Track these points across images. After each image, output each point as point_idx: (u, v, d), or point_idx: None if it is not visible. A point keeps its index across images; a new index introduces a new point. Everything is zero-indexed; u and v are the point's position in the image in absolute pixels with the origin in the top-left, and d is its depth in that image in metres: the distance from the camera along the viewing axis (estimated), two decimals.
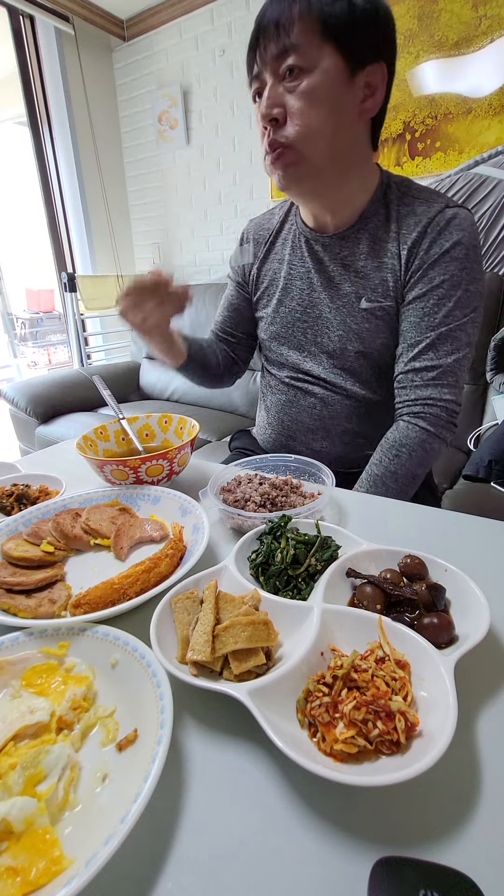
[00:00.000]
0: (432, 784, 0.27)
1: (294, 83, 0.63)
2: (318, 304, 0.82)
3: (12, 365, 4.32)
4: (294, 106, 0.64)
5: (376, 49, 0.64)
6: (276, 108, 0.65)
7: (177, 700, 0.30)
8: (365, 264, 0.76)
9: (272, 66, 0.64)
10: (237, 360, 1.01)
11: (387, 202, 0.74)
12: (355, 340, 0.78)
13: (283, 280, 0.85)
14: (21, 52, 2.45)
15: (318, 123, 0.65)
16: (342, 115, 0.66)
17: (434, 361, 0.71)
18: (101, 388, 0.76)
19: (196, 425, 0.68)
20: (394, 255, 0.73)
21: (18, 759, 0.27)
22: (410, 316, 0.73)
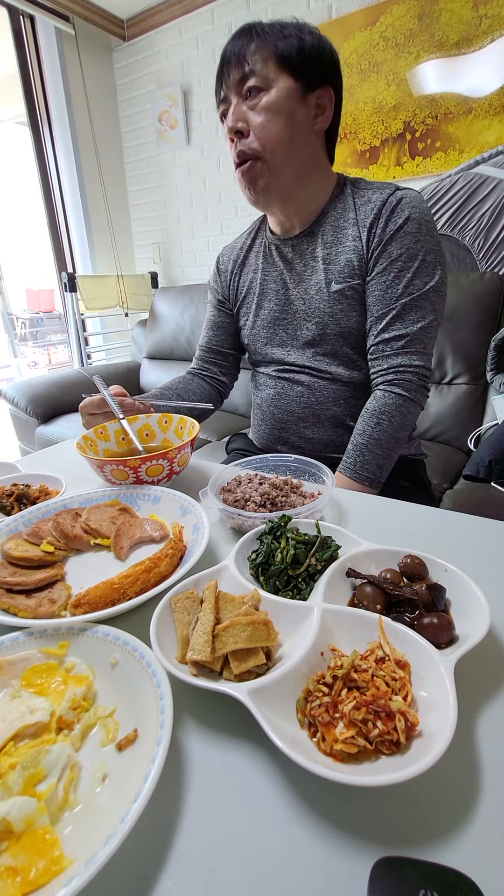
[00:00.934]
0: (432, 784, 0.27)
1: (254, 101, 0.74)
2: (294, 300, 0.87)
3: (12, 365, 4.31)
4: (255, 120, 0.74)
5: (324, 75, 0.76)
6: (241, 122, 0.75)
7: (177, 700, 0.30)
8: (330, 251, 0.82)
9: (236, 89, 0.75)
10: (225, 380, 1.05)
11: (344, 196, 0.82)
12: (332, 323, 0.83)
13: (258, 287, 0.92)
14: (21, 51, 2.45)
15: (275, 133, 0.74)
16: (297, 127, 0.75)
17: (402, 331, 0.77)
18: (100, 388, 0.76)
19: (196, 425, 0.68)
20: (355, 237, 0.79)
21: (18, 759, 0.27)
22: (375, 290, 0.79)
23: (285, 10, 1.99)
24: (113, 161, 2.77)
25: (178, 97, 2.43)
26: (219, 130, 2.39)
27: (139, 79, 2.59)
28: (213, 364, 1.03)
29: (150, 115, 2.59)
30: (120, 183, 2.83)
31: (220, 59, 0.76)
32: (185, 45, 2.36)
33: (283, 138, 0.75)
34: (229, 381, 1.06)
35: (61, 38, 2.38)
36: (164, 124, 2.54)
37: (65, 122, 2.52)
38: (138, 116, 2.66)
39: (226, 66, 0.75)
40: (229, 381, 1.06)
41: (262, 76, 0.72)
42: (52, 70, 2.46)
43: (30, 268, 4.60)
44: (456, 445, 1.59)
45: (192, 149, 2.50)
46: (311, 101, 0.75)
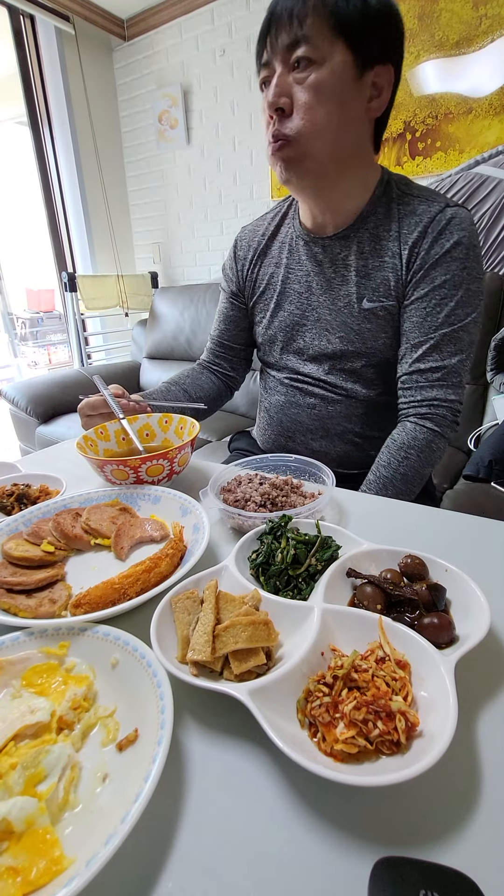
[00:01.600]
0: (432, 784, 0.27)
1: (303, 74, 0.63)
2: (317, 307, 0.81)
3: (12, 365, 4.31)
4: (301, 98, 0.64)
5: (386, 50, 0.65)
6: (284, 97, 0.65)
7: (177, 700, 0.30)
8: (366, 264, 0.75)
9: (282, 56, 0.64)
10: (235, 375, 1.01)
11: (387, 201, 0.74)
12: (357, 341, 0.78)
13: (279, 284, 0.84)
14: (21, 51, 2.45)
15: (322, 119, 0.65)
16: (347, 113, 0.66)
17: (439, 362, 0.71)
18: (100, 388, 0.76)
19: (196, 425, 0.68)
20: (395, 254, 0.73)
21: (19, 759, 0.27)
22: (413, 316, 0.73)
23: None
24: (113, 161, 2.77)
25: (179, 97, 2.43)
26: (219, 130, 2.39)
27: (139, 79, 2.59)
28: (223, 359, 0.99)
29: (150, 115, 2.59)
30: (120, 183, 2.83)
31: (268, 14, 0.65)
32: (186, 45, 2.36)
33: (330, 125, 0.65)
34: (240, 376, 1.02)
35: (61, 38, 2.38)
36: (164, 124, 2.54)
37: (65, 122, 2.52)
38: (138, 116, 2.66)
39: (274, 24, 0.64)
40: (240, 375, 1.02)
41: (314, 45, 0.61)
42: (52, 70, 2.46)
43: (30, 268, 4.60)
44: (456, 445, 1.59)
45: (193, 149, 2.50)
46: (367, 80, 0.65)
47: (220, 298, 0.97)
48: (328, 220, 0.77)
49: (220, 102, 2.34)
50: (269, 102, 0.66)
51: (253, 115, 2.25)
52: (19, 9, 2.27)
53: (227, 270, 0.94)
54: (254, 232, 0.90)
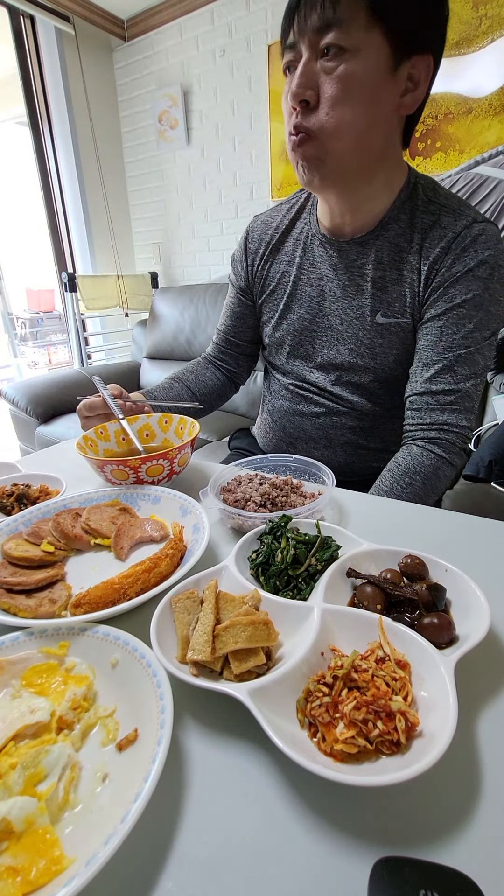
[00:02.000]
0: (432, 784, 0.27)
1: (332, 64, 0.57)
2: (329, 314, 0.77)
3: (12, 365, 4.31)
4: (328, 91, 0.58)
5: (427, 38, 0.59)
6: (310, 89, 0.59)
7: (177, 700, 0.30)
8: (383, 275, 0.71)
9: (311, 39, 0.58)
10: (240, 372, 0.98)
11: (411, 207, 0.69)
12: (367, 355, 0.75)
13: (290, 285, 0.80)
14: (21, 52, 2.45)
15: (350, 116, 0.59)
16: (378, 110, 0.60)
17: (452, 385, 0.68)
18: (100, 388, 0.76)
19: (196, 425, 0.68)
20: (414, 268, 0.68)
21: (19, 759, 0.27)
22: (428, 334, 0.69)
23: None
24: (113, 161, 2.77)
25: (179, 97, 2.43)
26: (219, 130, 2.39)
27: (139, 79, 2.59)
28: (228, 355, 0.96)
29: (151, 115, 2.59)
30: (120, 183, 2.83)
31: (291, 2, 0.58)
32: (186, 45, 2.36)
33: (357, 123, 0.60)
34: (245, 373, 1.00)
35: (61, 39, 2.38)
36: (164, 124, 2.54)
37: (65, 122, 2.52)
38: (138, 116, 2.67)
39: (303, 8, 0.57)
40: (245, 372, 0.99)
41: (347, 31, 0.55)
42: (52, 70, 2.46)
43: (30, 268, 4.61)
44: None
45: (193, 149, 2.50)
46: (402, 72, 0.59)
47: (229, 291, 0.93)
48: (347, 222, 0.73)
49: (220, 102, 2.34)
50: (293, 93, 0.60)
51: (253, 116, 2.25)
52: (19, 9, 2.27)
53: (236, 262, 0.89)
54: (267, 224, 0.84)
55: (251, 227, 0.87)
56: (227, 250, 2.57)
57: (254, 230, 0.86)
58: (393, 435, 0.78)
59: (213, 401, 0.96)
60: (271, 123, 2.20)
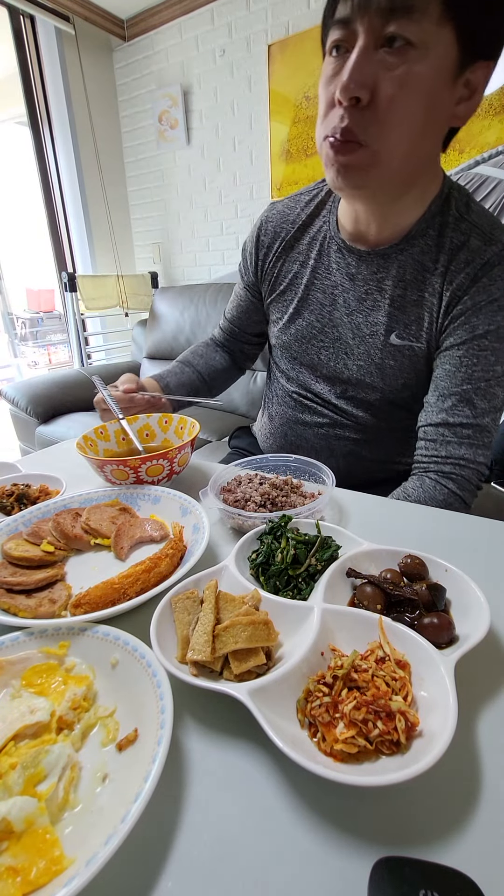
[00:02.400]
0: (432, 784, 0.27)
1: (396, 59, 0.49)
2: (340, 325, 0.73)
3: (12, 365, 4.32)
4: (388, 91, 0.50)
5: (494, 43, 0.53)
6: (365, 87, 0.50)
7: (177, 700, 0.30)
8: (403, 294, 0.66)
9: (373, 22, 0.49)
10: (247, 357, 0.97)
11: (441, 223, 0.64)
12: (376, 375, 0.71)
13: (302, 288, 0.75)
14: (21, 51, 2.45)
15: (408, 126, 0.53)
16: (434, 119, 0.54)
17: (470, 419, 0.63)
18: (100, 388, 0.76)
19: (196, 425, 0.68)
20: (435, 292, 0.64)
21: (18, 759, 0.27)
22: (446, 363, 0.65)
23: (286, 10, 1.99)
24: (113, 161, 2.77)
25: (179, 97, 2.43)
26: (219, 130, 2.39)
27: (139, 79, 2.59)
28: (234, 344, 0.94)
29: (151, 115, 2.59)
30: (120, 183, 2.83)
31: None
32: (186, 45, 2.36)
33: (414, 133, 0.54)
34: (251, 359, 0.97)
35: (61, 38, 2.38)
36: (164, 124, 2.54)
37: (65, 122, 2.52)
38: (138, 116, 2.67)
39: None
40: (251, 359, 0.97)
41: (419, 24, 0.48)
42: (52, 70, 2.46)
43: (30, 268, 4.61)
44: None
45: (193, 149, 2.50)
46: (462, 79, 0.53)
47: (238, 280, 0.88)
48: (372, 232, 0.67)
49: (220, 102, 2.34)
50: (345, 86, 0.50)
51: (253, 116, 2.25)
52: (19, 9, 2.27)
53: (246, 254, 0.83)
54: (283, 216, 0.78)
55: (266, 216, 0.80)
56: (227, 250, 2.57)
57: (268, 221, 0.79)
58: (397, 447, 0.76)
59: (221, 384, 0.94)
60: (271, 123, 2.20)
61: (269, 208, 0.81)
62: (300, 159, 2.19)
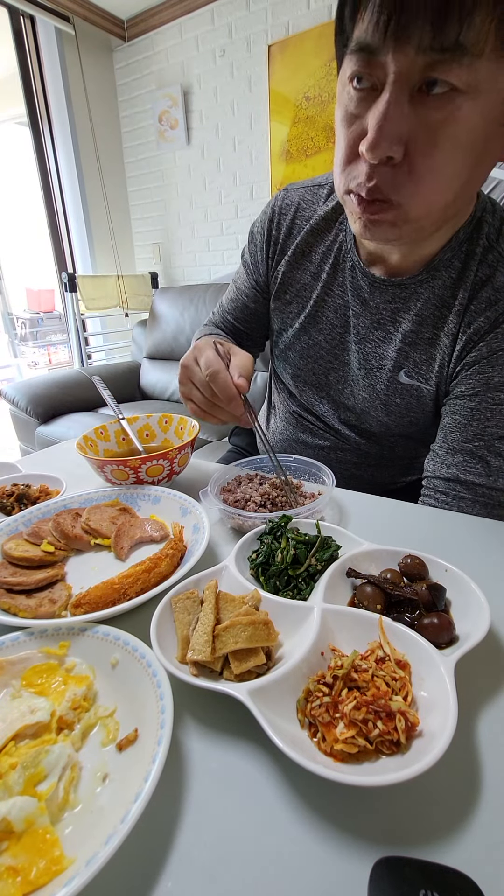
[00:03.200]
0: (432, 784, 0.27)
1: (439, 113, 0.39)
2: (349, 350, 0.67)
3: (12, 365, 4.32)
4: (426, 148, 0.41)
5: None
6: (399, 142, 0.41)
7: (177, 700, 0.30)
8: (417, 329, 0.60)
9: (410, 62, 0.38)
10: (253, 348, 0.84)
11: (468, 252, 0.56)
12: (381, 410, 0.66)
13: (312, 302, 0.68)
14: (21, 52, 2.45)
15: (449, 182, 0.44)
16: (483, 167, 0.45)
17: (484, 478, 0.58)
18: (100, 388, 0.76)
19: (196, 425, 0.68)
20: (450, 332, 0.58)
21: (19, 759, 0.27)
22: (456, 413, 0.59)
23: (285, 10, 1.99)
24: (113, 161, 2.78)
25: (179, 97, 2.43)
26: (219, 130, 2.39)
27: (139, 79, 2.59)
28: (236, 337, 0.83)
29: (151, 115, 2.59)
30: (120, 183, 2.84)
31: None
32: (186, 45, 2.36)
33: (456, 185, 0.45)
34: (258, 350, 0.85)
35: (61, 39, 2.38)
36: (164, 124, 2.54)
37: (65, 122, 2.53)
38: (138, 116, 2.67)
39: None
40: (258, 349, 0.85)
41: (471, 66, 0.37)
42: (52, 70, 2.46)
43: (30, 268, 4.61)
44: None
45: (193, 149, 2.50)
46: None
47: (240, 270, 0.78)
48: (393, 259, 0.59)
49: (220, 103, 2.34)
50: (372, 143, 0.41)
51: (253, 116, 2.25)
52: (19, 9, 2.27)
53: (255, 247, 0.74)
54: (299, 209, 0.68)
55: (281, 205, 0.70)
56: (228, 250, 2.57)
57: (283, 212, 0.69)
58: (401, 471, 0.73)
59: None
60: (271, 123, 2.20)
61: (284, 195, 0.70)
62: (300, 159, 2.19)
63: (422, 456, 0.67)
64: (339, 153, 0.48)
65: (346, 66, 0.43)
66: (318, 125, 2.09)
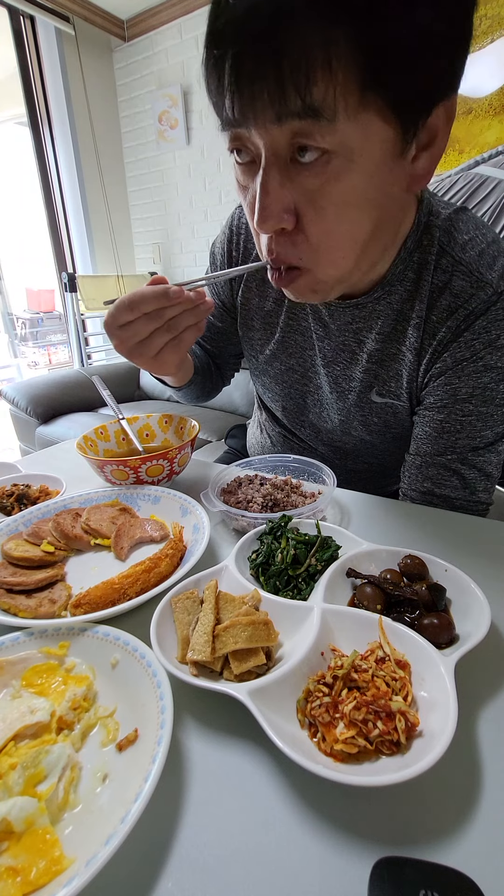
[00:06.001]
0: (432, 784, 0.27)
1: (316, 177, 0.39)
2: (319, 373, 0.65)
3: (13, 365, 4.32)
4: (314, 216, 0.41)
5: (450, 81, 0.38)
6: (285, 213, 0.41)
7: (177, 700, 0.30)
8: (380, 347, 0.58)
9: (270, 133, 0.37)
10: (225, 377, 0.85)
11: (419, 262, 0.53)
12: (360, 430, 0.66)
13: (279, 329, 0.65)
14: (21, 52, 2.45)
15: (351, 236, 0.44)
16: (387, 209, 0.44)
17: (460, 492, 0.58)
18: (100, 389, 0.76)
19: (196, 425, 0.68)
20: (412, 347, 0.55)
21: (19, 759, 0.27)
22: (426, 425, 0.58)
23: None
24: (113, 161, 2.78)
25: (179, 97, 2.43)
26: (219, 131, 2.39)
27: (139, 79, 2.59)
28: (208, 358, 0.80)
29: (151, 115, 2.59)
30: (120, 183, 2.84)
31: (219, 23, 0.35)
32: (186, 45, 2.36)
33: (360, 236, 0.44)
34: (230, 377, 0.85)
35: (61, 39, 2.38)
36: (164, 124, 2.54)
37: (65, 122, 2.53)
38: (138, 117, 2.67)
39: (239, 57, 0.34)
40: (230, 377, 0.85)
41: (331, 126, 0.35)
42: (52, 70, 2.46)
43: (30, 268, 4.61)
44: None
45: (193, 149, 2.50)
46: (413, 146, 0.40)
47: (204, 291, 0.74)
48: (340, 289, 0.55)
49: None
50: (259, 219, 0.41)
51: None
52: (19, 9, 2.27)
53: (216, 267, 0.72)
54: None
55: (237, 225, 0.67)
56: None
57: (240, 233, 0.66)
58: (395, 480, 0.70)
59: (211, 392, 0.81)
60: None
61: (238, 212, 0.67)
62: None
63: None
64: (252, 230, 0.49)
65: (225, 140, 0.43)
66: None
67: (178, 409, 2.14)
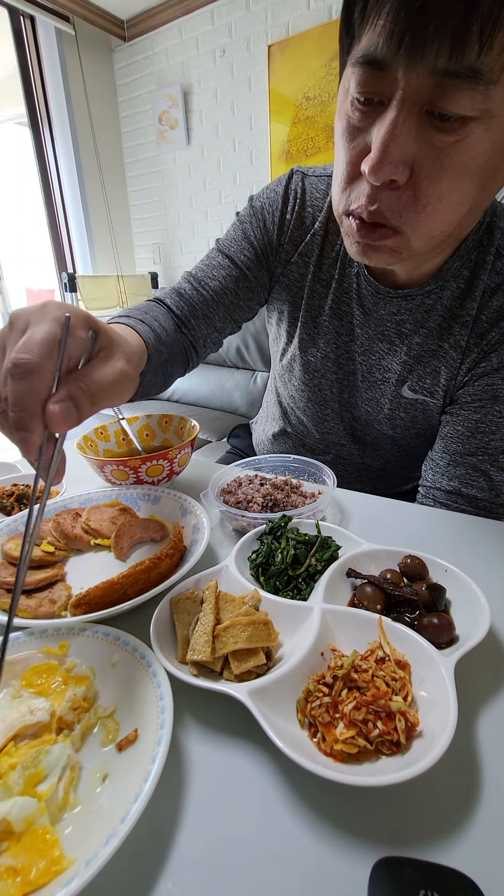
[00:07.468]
0: (432, 784, 0.27)
1: (449, 137, 0.37)
2: (353, 359, 0.63)
3: None
4: (433, 173, 0.39)
5: None
6: (403, 165, 0.39)
7: (177, 700, 0.30)
8: (422, 342, 0.57)
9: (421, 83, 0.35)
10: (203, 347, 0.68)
11: (477, 260, 0.53)
12: (385, 424, 0.65)
13: (325, 313, 0.63)
14: (21, 52, 2.45)
15: (457, 208, 0.42)
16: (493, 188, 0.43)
17: (486, 493, 0.57)
18: None
19: (196, 425, 0.68)
20: (458, 344, 0.55)
21: (19, 759, 0.27)
22: (458, 423, 0.57)
23: (285, 10, 1.99)
24: (113, 161, 2.78)
25: (179, 97, 2.44)
26: (219, 130, 2.39)
27: (139, 79, 2.59)
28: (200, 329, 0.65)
29: (151, 115, 2.59)
30: (120, 183, 2.84)
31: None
32: (186, 45, 2.36)
33: (463, 210, 0.43)
34: (205, 355, 0.70)
35: (61, 39, 2.39)
36: (164, 124, 2.55)
37: (65, 122, 2.53)
38: (138, 117, 2.67)
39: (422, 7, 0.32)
40: (205, 354, 0.70)
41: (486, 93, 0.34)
42: (52, 70, 2.46)
43: (30, 268, 4.60)
44: None
45: (193, 149, 2.50)
46: None
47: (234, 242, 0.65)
48: (397, 274, 0.56)
49: (220, 103, 2.34)
50: (375, 165, 0.38)
51: (253, 116, 2.25)
52: (19, 9, 2.27)
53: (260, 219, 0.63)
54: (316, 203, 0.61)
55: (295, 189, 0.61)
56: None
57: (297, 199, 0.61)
58: (402, 480, 0.72)
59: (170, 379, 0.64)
60: (271, 124, 2.20)
61: (298, 178, 0.62)
62: (300, 159, 2.19)
63: (421, 468, 0.66)
64: (338, 169, 0.45)
65: (351, 76, 0.39)
66: (318, 125, 2.09)
67: (178, 410, 2.14)
